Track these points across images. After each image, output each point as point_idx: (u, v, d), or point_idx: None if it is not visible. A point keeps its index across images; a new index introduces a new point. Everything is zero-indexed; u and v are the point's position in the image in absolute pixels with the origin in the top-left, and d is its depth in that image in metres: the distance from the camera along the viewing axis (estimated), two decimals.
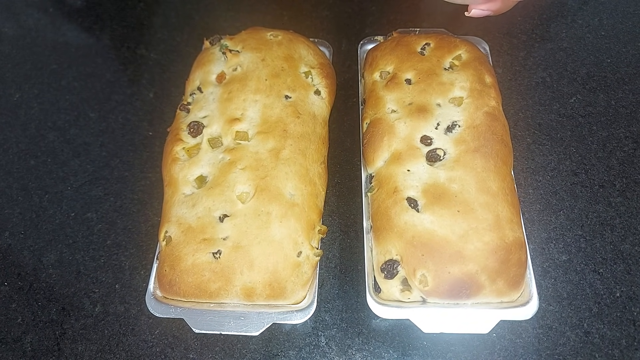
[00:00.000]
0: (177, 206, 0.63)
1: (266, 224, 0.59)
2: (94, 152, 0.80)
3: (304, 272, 0.60)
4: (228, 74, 0.72)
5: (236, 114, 0.67)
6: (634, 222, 0.71)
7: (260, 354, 0.63)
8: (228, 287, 0.58)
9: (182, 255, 0.59)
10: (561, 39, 0.91)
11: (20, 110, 0.86)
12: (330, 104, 0.75)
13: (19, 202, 0.76)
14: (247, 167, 0.63)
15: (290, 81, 0.71)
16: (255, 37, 0.76)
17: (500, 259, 0.56)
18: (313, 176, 0.65)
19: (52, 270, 0.70)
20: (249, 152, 0.64)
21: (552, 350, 0.62)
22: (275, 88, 0.69)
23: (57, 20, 0.98)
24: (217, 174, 0.63)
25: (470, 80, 0.68)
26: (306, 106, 0.70)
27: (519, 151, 0.77)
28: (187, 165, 0.65)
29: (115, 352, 0.63)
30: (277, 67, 0.72)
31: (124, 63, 0.92)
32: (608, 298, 0.65)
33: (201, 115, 0.69)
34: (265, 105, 0.68)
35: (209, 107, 0.69)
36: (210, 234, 0.59)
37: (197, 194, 0.63)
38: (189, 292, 0.59)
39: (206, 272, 0.58)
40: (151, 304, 0.60)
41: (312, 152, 0.67)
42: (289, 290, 0.59)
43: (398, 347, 0.63)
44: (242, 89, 0.69)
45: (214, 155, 0.65)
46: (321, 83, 0.74)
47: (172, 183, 0.65)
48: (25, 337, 0.65)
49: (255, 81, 0.70)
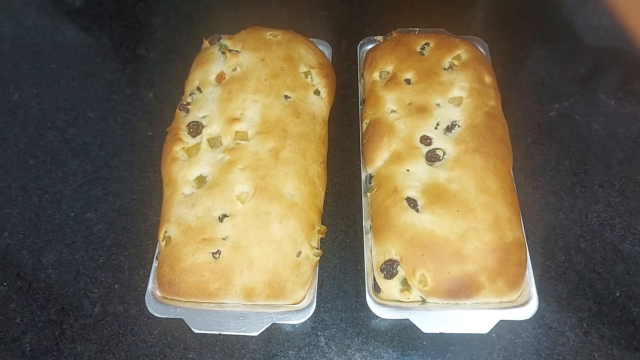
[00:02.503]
0: (176, 206, 0.63)
1: (266, 224, 0.59)
2: (93, 152, 0.80)
3: (304, 272, 0.60)
4: (227, 74, 0.72)
5: (235, 113, 0.67)
6: (633, 222, 0.71)
7: (260, 353, 0.63)
8: (228, 287, 0.58)
9: (182, 255, 0.59)
10: (561, 39, 0.91)
11: (19, 110, 0.86)
12: (329, 104, 0.75)
13: (18, 202, 0.76)
14: (247, 167, 0.63)
15: (290, 81, 0.71)
16: (255, 37, 0.76)
17: (500, 259, 0.56)
18: (312, 176, 0.65)
19: (51, 270, 0.69)
20: (248, 152, 0.64)
21: (551, 350, 0.62)
22: (274, 88, 0.69)
23: (57, 19, 0.98)
24: (216, 174, 0.63)
25: (469, 80, 0.68)
26: (306, 106, 0.70)
27: (519, 151, 0.77)
28: (186, 165, 0.65)
29: (114, 352, 0.63)
30: (276, 67, 0.72)
31: (123, 63, 0.92)
32: (607, 298, 0.65)
33: (200, 115, 0.69)
34: (265, 105, 0.68)
35: (208, 107, 0.69)
36: (209, 234, 0.59)
37: (197, 194, 0.62)
38: (189, 292, 0.59)
39: (206, 272, 0.58)
40: (151, 304, 0.60)
41: (311, 152, 0.67)
42: (289, 290, 0.59)
43: (397, 347, 0.63)
44: (241, 89, 0.69)
45: (213, 155, 0.65)
46: (321, 83, 0.74)
47: (171, 183, 0.65)
48: (24, 337, 0.65)
49: (255, 81, 0.70)
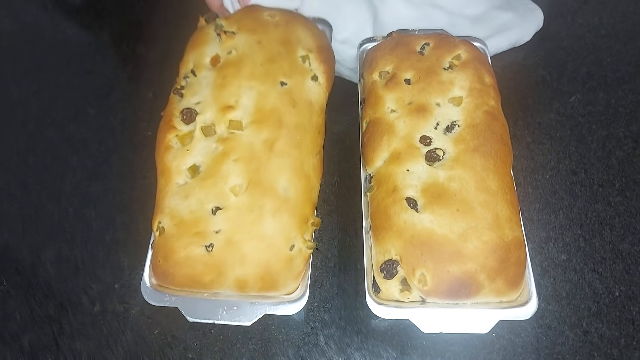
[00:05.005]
0: (170, 197, 0.62)
1: (259, 219, 0.59)
2: (92, 149, 0.80)
3: (296, 265, 0.60)
4: (222, 57, 0.70)
5: (230, 101, 0.65)
6: (633, 222, 0.71)
7: (259, 353, 0.63)
8: (221, 279, 0.58)
9: (175, 248, 0.59)
10: (561, 38, 0.90)
11: (19, 107, 0.86)
12: (327, 90, 0.73)
13: (18, 199, 0.76)
14: (240, 159, 0.61)
15: (287, 66, 0.69)
16: (252, 17, 0.73)
17: (500, 258, 0.56)
18: (308, 169, 0.64)
19: (51, 266, 0.69)
20: (242, 142, 0.63)
21: (551, 349, 0.62)
22: (270, 74, 0.67)
23: (56, 17, 0.98)
24: (210, 164, 0.62)
25: (469, 80, 0.68)
26: (302, 94, 0.68)
27: (519, 150, 0.77)
28: (180, 154, 0.63)
29: (113, 350, 0.63)
30: (273, 50, 0.69)
31: (123, 60, 0.92)
32: (607, 297, 0.65)
33: (194, 101, 0.67)
34: (260, 93, 0.66)
35: (202, 92, 0.67)
36: (202, 227, 0.59)
37: (190, 184, 0.62)
38: (183, 282, 0.59)
39: (199, 265, 0.58)
40: (146, 292, 0.60)
41: (307, 143, 0.65)
42: (281, 283, 0.59)
43: (397, 346, 0.63)
44: (236, 75, 0.67)
45: (207, 144, 0.64)
46: (319, 68, 0.72)
47: (165, 172, 0.63)
48: (24, 334, 0.65)
49: (251, 66, 0.68)
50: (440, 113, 0.66)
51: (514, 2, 0.88)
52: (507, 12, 0.86)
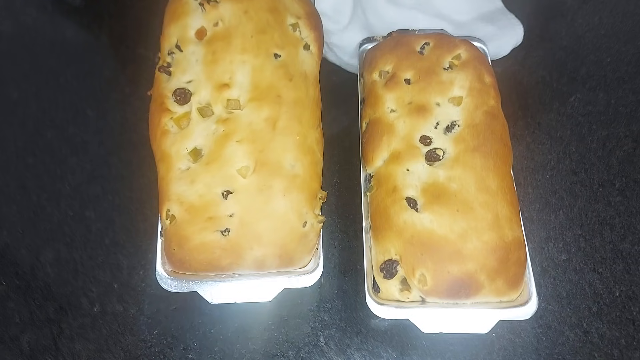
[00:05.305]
0: (174, 183, 0.60)
1: (270, 199, 0.58)
2: (92, 150, 0.80)
3: (310, 239, 0.61)
4: (209, 30, 0.66)
5: (224, 78, 0.63)
6: (633, 221, 0.71)
7: (259, 353, 0.63)
8: (239, 261, 0.58)
9: (189, 235, 0.58)
10: (561, 38, 0.90)
11: (18, 108, 0.86)
12: (319, 59, 0.71)
13: (17, 201, 0.76)
14: (244, 140, 0.60)
15: (278, 37, 0.66)
16: None
17: (500, 258, 0.56)
18: (311, 143, 0.63)
19: (50, 268, 0.69)
20: (243, 122, 0.61)
21: (551, 349, 0.62)
22: (263, 46, 0.64)
23: (56, 18, 0.98)
24: (212, 147, 0.60)
25: (469, 80, 0.68)
26: (297, 66, 0.66)
27: (519, 150, 0.77)
28: (178, 138, 0.61)
29: (113, 352, 0.63)
30: (262, 20, 0.66)
31: (122, 62, 0.92)
32: (607, 297, 0.65)
33: (185, 80, 0.64)
34: (255, 68, 0.63)
35: (192, 69, 0.64)
36: (214, 212, 0.58)
37: (194, 169, 0.60)
38: (201, 267, 0.59)
39: (217, 250, 0.58)
40: (162, 280, 0.60)
41: (307, 118, 0.64)
42: (297, 258, 0.60)
43: (397, 347, 0.63)
44: (227, 49, 0.64)
45: (206, 125, 0.61)
46: (310, 36, 0.69)
47: (164, 158, 0.61)
48: (23, 336, 0.65)
49: (241, 38, 0.64)
50: (440, 113, 0.66)
51: (497, 15, 0.87)
52: (488, 25, 0.85)
